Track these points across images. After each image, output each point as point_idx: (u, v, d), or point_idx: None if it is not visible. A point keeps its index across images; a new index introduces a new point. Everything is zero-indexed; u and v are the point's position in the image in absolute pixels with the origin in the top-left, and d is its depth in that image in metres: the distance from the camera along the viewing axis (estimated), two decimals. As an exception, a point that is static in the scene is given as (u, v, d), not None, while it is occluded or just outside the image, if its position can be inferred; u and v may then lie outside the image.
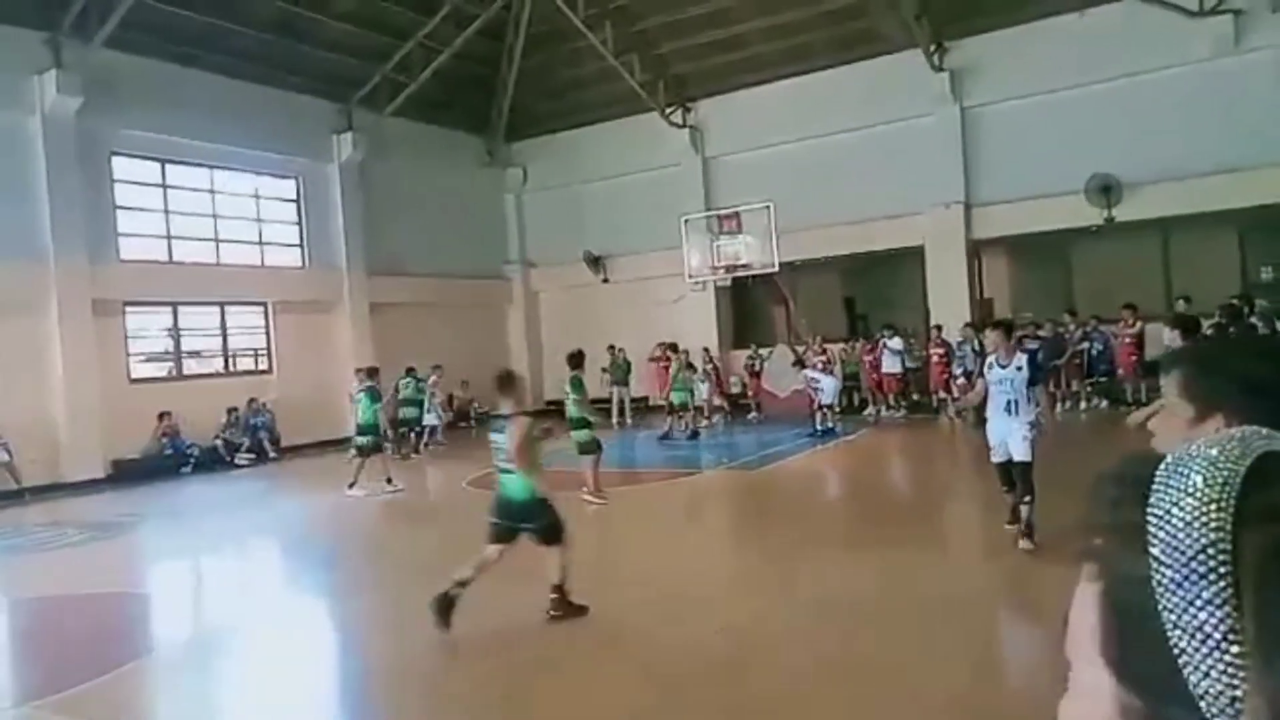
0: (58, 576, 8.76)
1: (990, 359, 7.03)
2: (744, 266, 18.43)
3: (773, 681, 4.61)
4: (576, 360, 10.32)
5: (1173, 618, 0.53)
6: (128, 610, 7.44)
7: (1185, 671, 0.52)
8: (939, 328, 17.32)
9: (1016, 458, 6.69)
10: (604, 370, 18.87)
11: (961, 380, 16.57)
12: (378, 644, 5.97)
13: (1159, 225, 16.79)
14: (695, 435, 16.11)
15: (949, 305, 17.88)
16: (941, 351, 17.01)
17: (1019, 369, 6.72)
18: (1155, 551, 0.54)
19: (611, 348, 19.36)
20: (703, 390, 17.84)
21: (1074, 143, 16.52)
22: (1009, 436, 6.75)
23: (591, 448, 9.80)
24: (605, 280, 22.03)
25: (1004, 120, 17.57)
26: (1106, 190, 16.23)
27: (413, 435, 17.15)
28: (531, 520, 5.70)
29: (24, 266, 14.50)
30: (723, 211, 18.98)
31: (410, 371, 17.46)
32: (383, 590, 7.25)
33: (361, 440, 12.07)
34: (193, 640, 6.42)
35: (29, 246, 14.61)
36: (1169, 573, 0.53)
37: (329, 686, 5.36)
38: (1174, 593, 0.53)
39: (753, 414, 18.78)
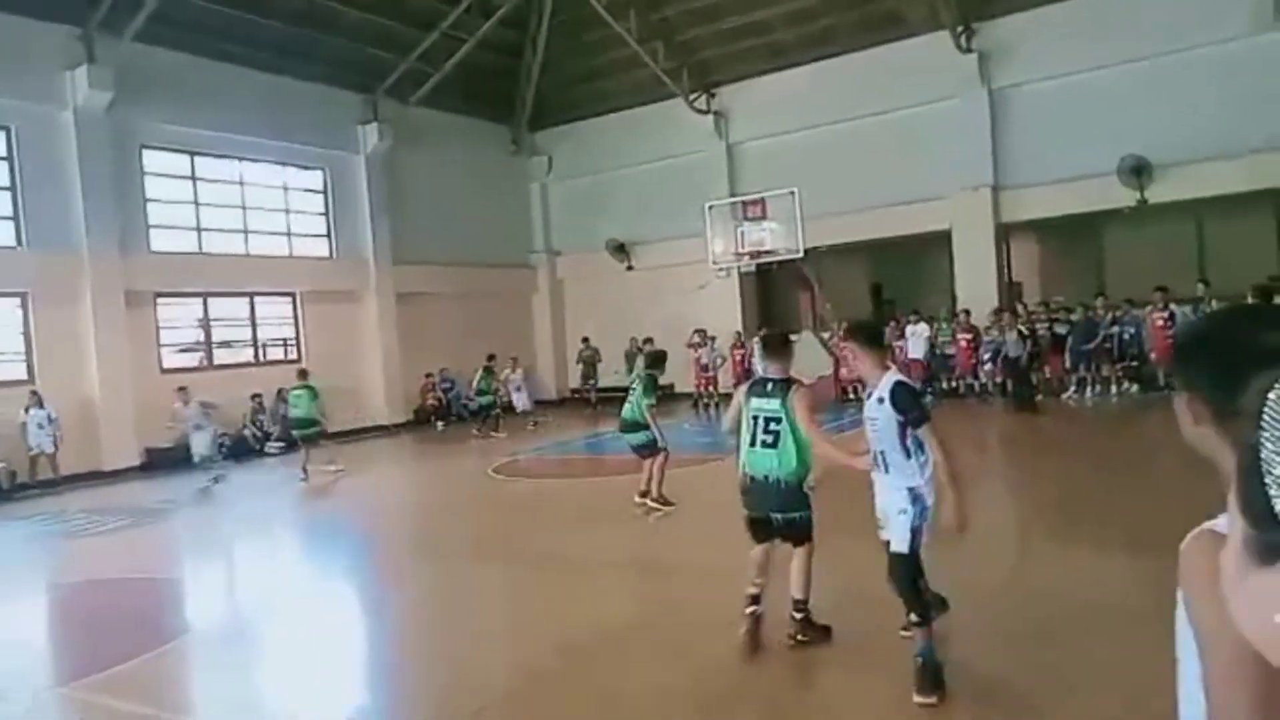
0: (97, 561, 8.95)
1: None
2: (769, 253, 18.32)
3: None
4: (657, 360, 9.45)
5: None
6: (163, 594, 7.59)
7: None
8: (966, 312, 17.15)
9: (891, 545, 4.25)
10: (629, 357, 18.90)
11: (989, 366, 16.42)
12: (409, 628, 6.04)
13: (1193, 207, 16.48)
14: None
15: (977, 290, 17.69)
16: (969, 337, 16.85)
17: (881, 401, 4.27)
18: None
19: (634, 339, 19.40)
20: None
21: (1105, 123, 16.23)
22: (887, 508, 4.35)
23: (654, 449, 8.92)
24: (630, 268, 22.02)
25: (1033, 101, 17.31)
26: (1139, 171, 15.95)
27: (491, 418, 17.80)
28: (795, 509, 4.78)
29: (59, 258, 14.78)
30: (747, 198, 18.87)
31: (490, 360, 18.35)
32: (417, 573, 7.33)
33: (304, 432, 13.52)
34: (226, 623, 6.54)
35: (63, 238, 14.89)
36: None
37: (357, 668, 5.43)
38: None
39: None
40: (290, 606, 6.85)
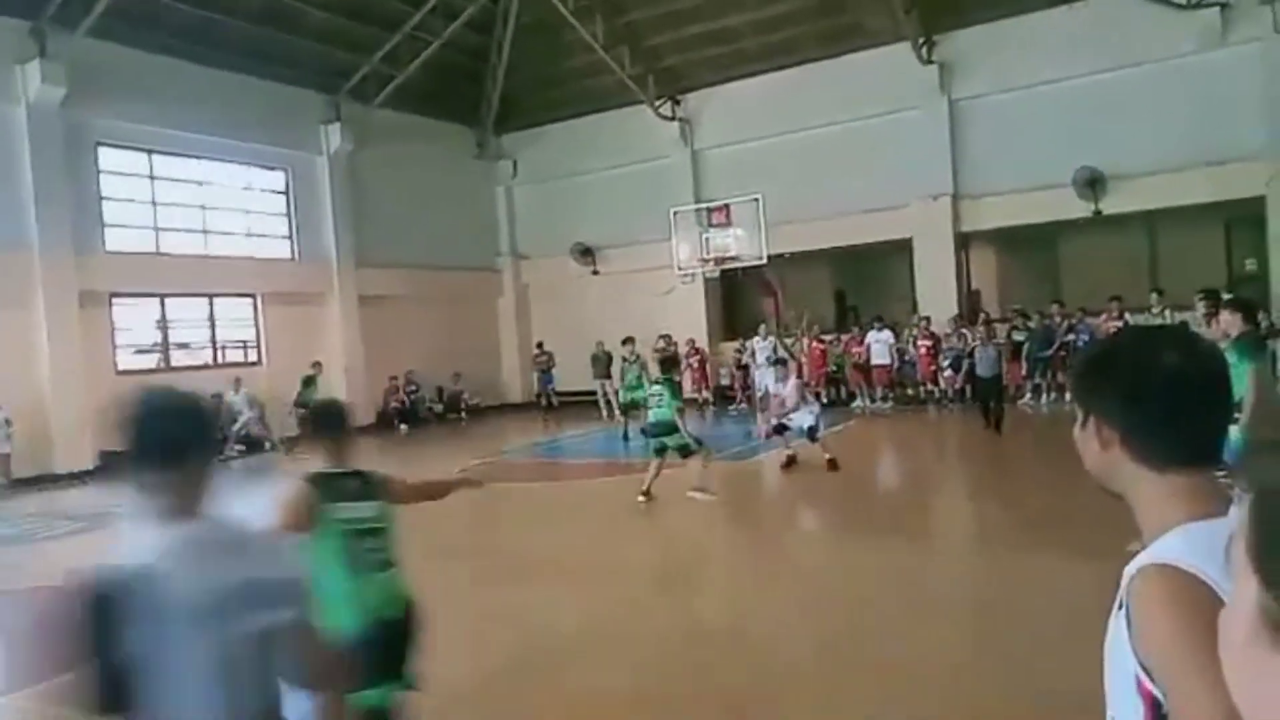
0: (48, 567, 8.74)
1: None
2: (733, 259, 18.45)
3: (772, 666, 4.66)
4: (672, 363, 10.99)
5: None
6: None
7: None
8: (927, 319, 17.40)
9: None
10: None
11: (949, 373, 16.67)
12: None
13: (1145, 218, 16.91)
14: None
15: (937, 297, 17.98)
16: (929, 344, 17.10)
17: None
18: None
19: (600, 343, 19.42)
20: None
21: (1062, 136, 16.59)
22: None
23: (694, 448, 9.45)
24: (595, 272, 22.04)
25: (992, 113, 17.63)
26: (1094, 183, 16.32)
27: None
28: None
29: (9, 258, 14.44)
30: (712, 204, 19.00)
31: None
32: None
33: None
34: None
35: (14, 238, 14.55)
36: None
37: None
38: None
39: (739, 405, 18.83)
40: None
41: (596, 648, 5.08)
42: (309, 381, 17.37)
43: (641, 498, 9.23)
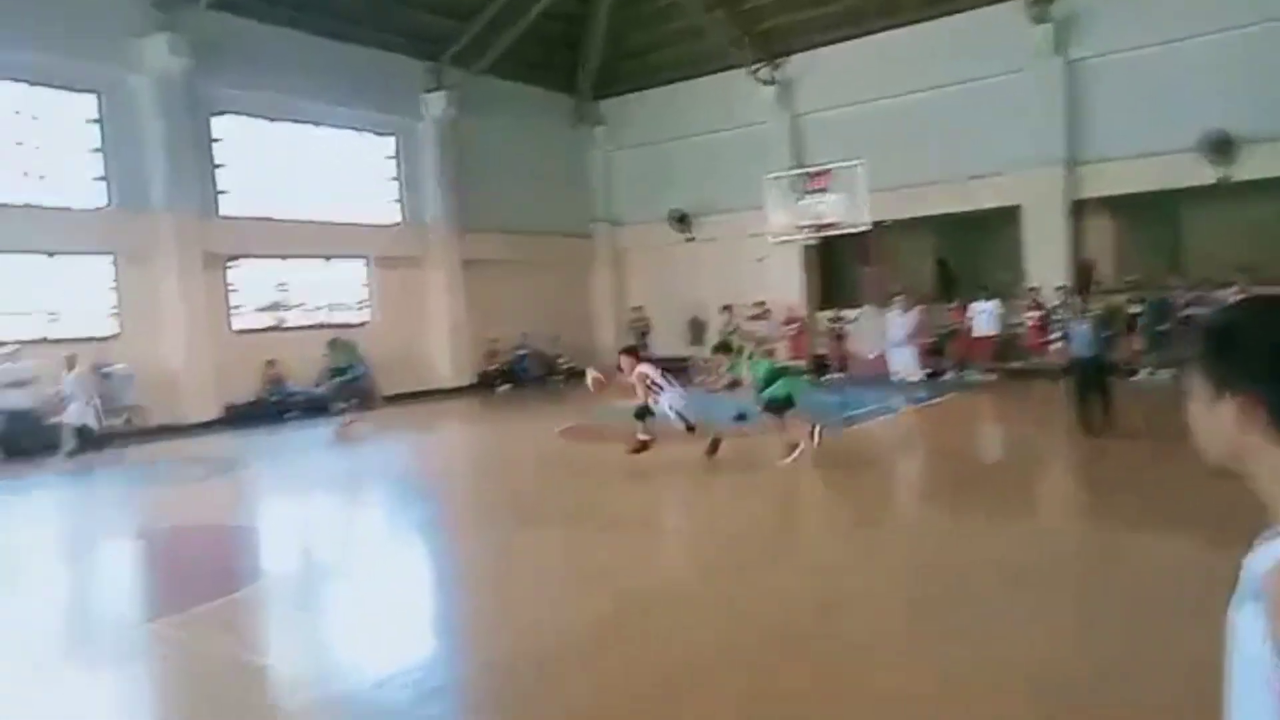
0: (179, 509, 9.43)
1: None
2: (831, 226, 18.10)
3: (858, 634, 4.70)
4: (725, 348, 11.16)
5: None
6: (240, 541, 7.99)
7: None
8: (1036, 290, 16.77)
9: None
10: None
11: (1059, 345, 16.03)
12: (473, 580, 6.27)
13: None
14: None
15: (1047, 267, 17.28)
16: (1037, 315, 16.49)
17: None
18: None
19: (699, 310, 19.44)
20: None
21: (1188, 96, 15.61)
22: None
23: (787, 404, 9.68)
24: (690, 239, 22.00)
25: (1111, 73, 16.71)
26: (1222, 146, 15.33)
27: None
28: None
29: (138, 221, 15.42)
30: (810, 169, 18.65)
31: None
32: (484, 529, 7.57)
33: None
34: (299, 571, 6.85)
35: (142, 202, 15.53)
36: None
37: (422, 617, 5.66)
38: None
39: (835, 375, 18.60)
40: (360, 557, 7.14)
41: (687, 606, 5.20)
42: (338, 345, 15.68)
43: (788, 460, 9.21)
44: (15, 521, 9.59)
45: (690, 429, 9.70)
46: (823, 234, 18.49)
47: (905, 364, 11.14)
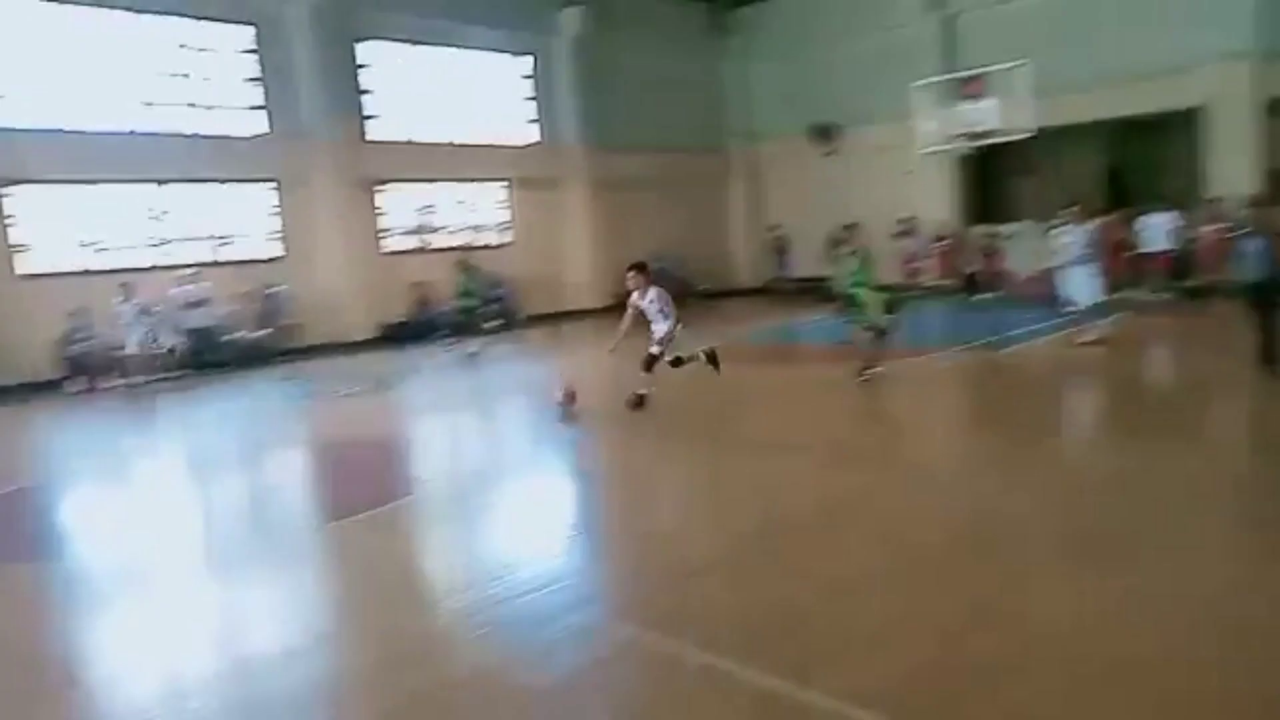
0: (343, 421, 10.04)
1: None
2: (986, 134, 16.95)
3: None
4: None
5: None
6: (401, 452, 8.44)
7: None
8: (1217, 201, 15.25)
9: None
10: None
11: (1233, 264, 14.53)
12: (624, 498, 6.38)
13: None
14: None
15: (1233, 176, 15.64)
16: (1219, 229, 14.98)
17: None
18: None
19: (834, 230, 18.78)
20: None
21: None
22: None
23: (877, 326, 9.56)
24: (832, 153, 21.15)
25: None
26: None
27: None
28: None
29: (294, 146, 16.16)
30: (964, 74, 17.43)
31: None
32: (633, 450, 7.69)
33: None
34: (455, 480, 7.16)
35: (295, 127, 16.25)
36: None
37: (574, 532, 5.82)
38: None
39: (987, 295, 17.66)
40: (511, 469, 7.40)
41: (835, 528, 5.11)
42: (464, 269, 15.17)
43: (861, 377, 9.20)
44: (197, 428, 10.47)
45: (649, 362, 8.64)
46: (977, 143, 17.37)
47: (1079, 286, 10.30)
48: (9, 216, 13.68)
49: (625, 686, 3.40)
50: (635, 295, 8.91)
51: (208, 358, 14.41)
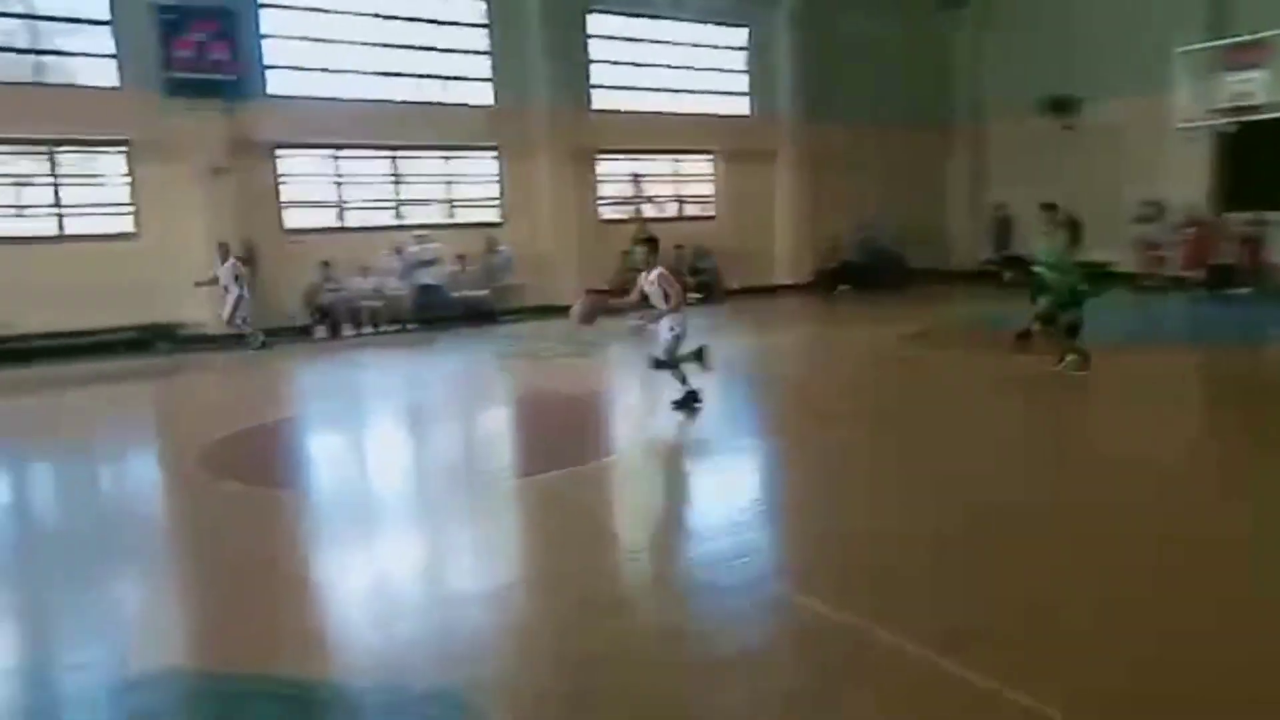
0: (550, 381, 10.57)
1: None
2: (1257, 109, 15.04)
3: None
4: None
5: None
6: (601, 413, 8.77)
7: None
8: None
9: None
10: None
11: None
12: (813, 478, 6.32)
13: None
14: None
15: None
16: None
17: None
18: None
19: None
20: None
21: None
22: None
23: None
24: (1069, 127, 19.52)
25: None
26: None
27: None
28: None
29: (523, 116, 16.99)
30: (1237, 40, 15.49)
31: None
32: (822, 425, 7.60)
33: None
34: (647, 448, 7.34)
35: (526, 98, 17.01)
36: None
37: (770, 507, 5.83)
38: None
39: (1242, 289, 15.80)
40: (705, 442, 7.49)
41: (1044, 526, 4.81)
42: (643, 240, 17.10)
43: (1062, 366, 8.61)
44: (423, 378, 11.38)
45: (660, 365, 7.80)
46: (1241, 119, 15.48)
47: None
48: (282, 175, 15.42)
49: (814, 661, 3.40)
50: (642, 275, 7.79)
51: (434, 313, 15.58)
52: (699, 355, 8.00)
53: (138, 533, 5.39)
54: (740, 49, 19.98)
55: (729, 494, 5.86)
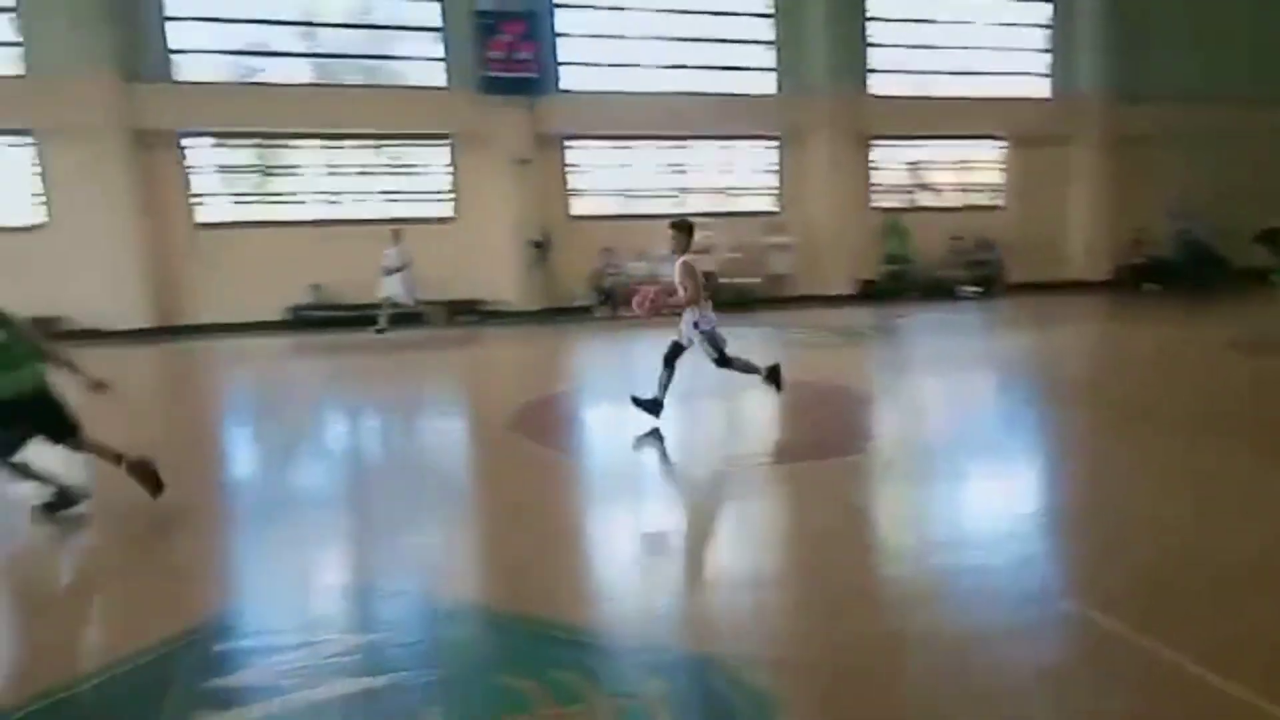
0: (812, 369, 10.50)
1: None
2: None
3: None
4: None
5: None
6: (866, 406, 8.59)
7: None
8: None
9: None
10: None
11: None
12: (1092, 490, 5.81)
13: None
14: None
15: None
16: None
17: None
18: None
19: None
20: None
21: None
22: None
23: None
24: None
25: None
26: None
27: None
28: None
29: (803, 102, 16.95)
30: None
31: None
32: (1123, 433, 6.96)
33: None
34: (913, 443, 7.07)
35: (805, 85, 16.97)
36: None
37: (1042, 509, 5.43)
38: None
39: None
40: (972, 438, 7.09)
41: None
42: (893, 229, 17.17)
43: None
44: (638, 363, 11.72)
45: (721, 363, 7.22)
46: None
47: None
48: (570, 165, 16.55)
49: (1101, 682, 3.17)
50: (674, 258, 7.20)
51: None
52: (772, 375, 7.58)
53: (451, 483, 6.12)
54: (1041, 26, 18.48)
55: (994, 500, 5.55)
